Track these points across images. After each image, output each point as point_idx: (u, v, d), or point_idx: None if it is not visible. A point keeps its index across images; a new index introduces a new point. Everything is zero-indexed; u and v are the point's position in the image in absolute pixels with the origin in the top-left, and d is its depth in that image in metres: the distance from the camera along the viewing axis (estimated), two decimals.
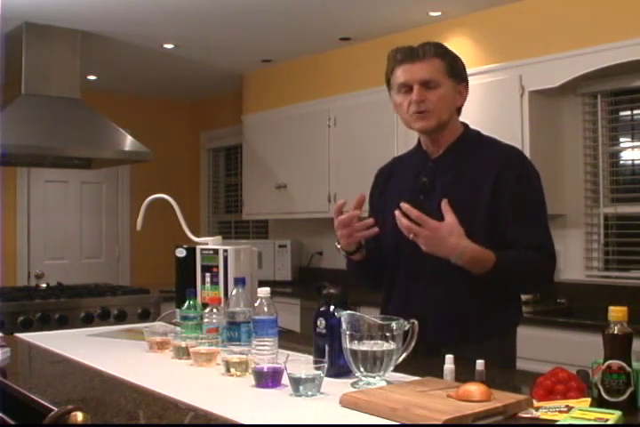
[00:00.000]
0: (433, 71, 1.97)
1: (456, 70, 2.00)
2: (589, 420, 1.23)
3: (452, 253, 1.79)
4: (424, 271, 1.93)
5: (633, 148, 3.85)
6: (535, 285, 2.09)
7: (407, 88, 1.98)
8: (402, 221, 1.78)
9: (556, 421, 1.25)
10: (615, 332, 1.34)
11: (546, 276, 1.96)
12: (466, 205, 1.89)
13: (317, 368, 1.49)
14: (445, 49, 2.04)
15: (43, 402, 1.46)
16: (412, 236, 1.79)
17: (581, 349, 2.82)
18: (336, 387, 1.52)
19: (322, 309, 1.69)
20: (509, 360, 1.99)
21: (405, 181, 2.07)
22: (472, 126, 2.13)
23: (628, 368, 1.32)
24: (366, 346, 1.53)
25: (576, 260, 3.88)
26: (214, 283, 2.37)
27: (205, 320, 1.98)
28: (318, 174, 4.83)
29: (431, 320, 1.77)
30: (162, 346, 2.02)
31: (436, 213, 1.82)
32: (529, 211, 1.94)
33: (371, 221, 1.91)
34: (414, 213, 1.76)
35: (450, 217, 1.78)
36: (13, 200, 5.72)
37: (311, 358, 1.61)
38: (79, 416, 1.17)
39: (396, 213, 1.78)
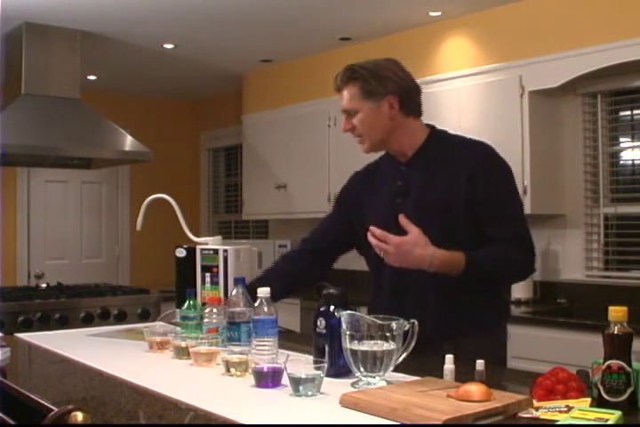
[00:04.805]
0: (349, 99, 2.00)
1: (372, 89, 1.97)
2: (589, 420, 1.23)
3: (421, 264, 1.84)
4: (409, 270, 1.94)
5: (633, 148, 3.85)
6: (515, 275, 2.09)
7: None
8: (371, 241, 1.84)
9: (556, 421, 1.25)
10: (615, 332, 1.34)
11: (524, 265, 1.99)
12: (443, 206, 1.94)
13: (317, 368, 1.49)
14: (358, 70, 1.99)
15: (43, 402, 1.46)
16: (382, 253, 1.84)
17: (581, 349, 2.82)
18: (336, 387, 1.51)
19: (322, 309, 1.69)
20: (501, 352, 2.05)
21: (382, 185, 2.11)
22: (439, 127, 2.13)
23: (627, 368, 1.32)
24: (366, 346, 1.53)
25: (576, 260, 3.88)
26: (214, 283, 2.37)
27: (205, 320, 1.98)
28: (318, 174, 4.83)
29: (423, 317, 1.75)
30: (162, 346, 2.02)
31: (412, 216, 1.88)
32: (504, 206, 1.97)
33: None
34: (377, 232, 1.82)
35: (412, 230, 1.83)
36: (13, 200, 5.72)
37: (311, 358, 1.61)
38: (79, 416, 1.17)
39: (368, 233, 1.84)
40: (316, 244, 2.27)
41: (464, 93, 4.01)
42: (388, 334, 1.53)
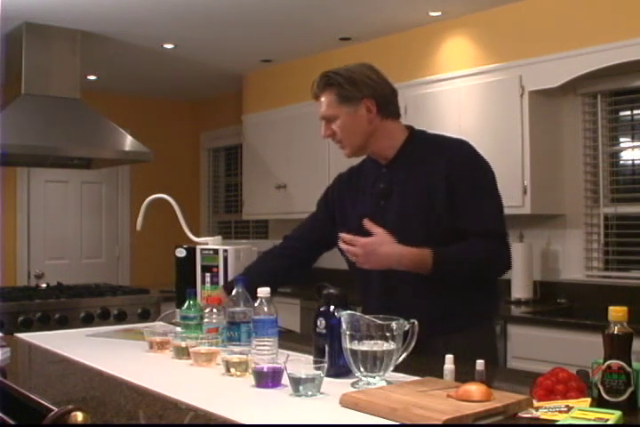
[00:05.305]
0: (327, 106, 2.04)
1: (348, 95, 2.00)
2: (589, 420, 1.23)
3: (390, 262, 1.87)
4: (396, 272, 1.96)
5: (633, 148, 3.84)
6: (488, 271, 2.02)
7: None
8: (342, 247, 1.89)
9: (556, 421, 1.25)
10: (615, 332, 1.34)
11: (497, 260, 1.97)
12: (425, 206, 1.96)
13: (317, 368, 1.49)
14: (332, 77, 2.02)
15: (43, 402, 1.46)
16: (353, 258, 1.88)
17: (581, 349, 2.83)
18: (336, 387, 1.51)
19: (322, 309, 1.69)
20: (492, 347, 2.08)
21: (364, 187, 2.13)
22: (417, 127, 2.14)
23: (627, 368, 1.32)
24: (366, 346, 1.53)
25: (576, 260, 3.88)
26: (214, 283, 2.38)
27: (205, 320, 1.98)
28: (318, 174, 4.82)
29: (414, 317, 1.75)
30: (162, 346, 2.02)
31: (396, 218, 1.94)
32: (479, 202, 1.96)
33: None
34: (346, 238, 1.88)
35: (377, 231, 1.87)
36: (13, 200, 5.72)
37: (311, 358, 1.61)
38: (79, 416, 1.17)
39: (339, 240, 1.89)
40: (299, 242, 2.29)
41: (464, 93, 4.01)
42: (387, 334, 1.53)
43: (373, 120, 2.02)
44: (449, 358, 1.56)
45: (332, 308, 1.67)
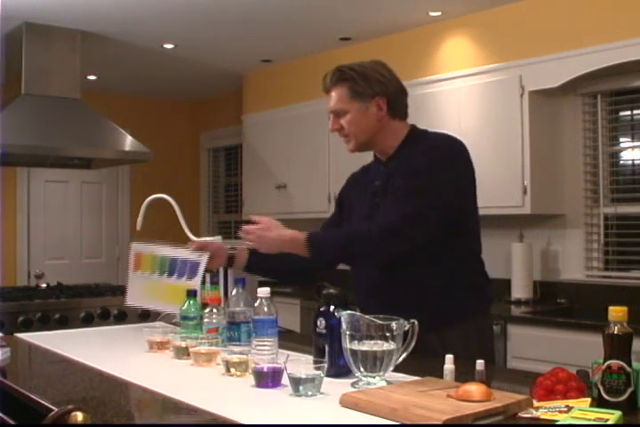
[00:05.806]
0: (337, 100, 2.05)
1: (360, 91, 2.01)
2: (589, 420, 1.23)
3: (276, 245, 1.96)
4: (391, 264, 1.98)
5: (633, 148, 3.84)
6: (366, 251, 1.94)
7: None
8: (242, 236, 2.02)
9: (556, 421, 1.25)
10: (615, 332, 1.34)
11: (367, 247, 1.92)
12: None
13: (317, 368, 1.50)
14: (346, 72, 2.04)
15: (43, 402, 1.46)
16: (250, 244, 2.03)
17: (581, 349, 2.83)
18: (336, 387, 1.52)
19: (322, 309, 1.69)
20: (487, 344, 2.08)
21: (365, 186, 2.14)
22: (420, 127, 2.15)
23: (628, 368, 1.32)
24: (366, 346, 1.53)
25: (576, 260, 3.88)
26: (214, 283, 2.37)
27: (205, 320, 1.98)
28: (318, 174, 4.83)
29: (406, 310, 1.73)
30: (162, 346, 2.02)
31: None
32: (396, 197, 1.94)
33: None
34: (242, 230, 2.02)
35: (261, 219, 2.01)
36: (13, 200, 5.72)
37: (311, 358, 1.61)
38: (79, 416, 1.17)
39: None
40: None
41: (464, 93, 4.01)
42: (387, 334, 1.53)
43: (382, 118, 2.03)
44: (449, 358, 1.56)
45: (331, 308, 1.67)
